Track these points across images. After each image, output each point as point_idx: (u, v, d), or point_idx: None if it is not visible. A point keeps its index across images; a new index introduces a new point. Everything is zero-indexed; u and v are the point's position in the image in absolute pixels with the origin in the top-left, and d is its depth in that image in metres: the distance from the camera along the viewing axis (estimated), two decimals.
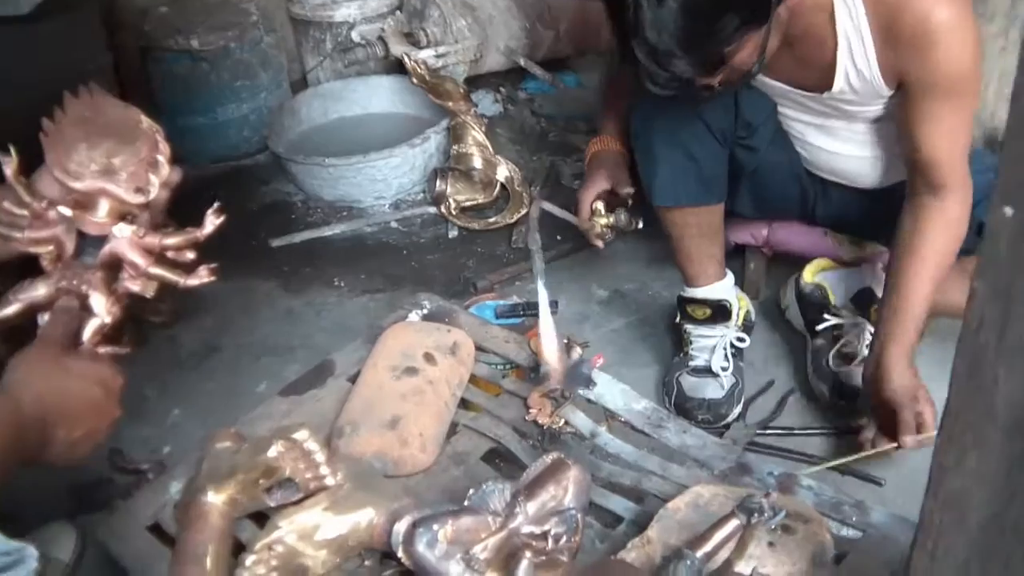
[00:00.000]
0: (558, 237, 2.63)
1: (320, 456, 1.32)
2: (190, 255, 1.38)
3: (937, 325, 2.26)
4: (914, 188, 1.77)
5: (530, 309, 1.93)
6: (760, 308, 2.37)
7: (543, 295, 1.59)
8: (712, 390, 2.03)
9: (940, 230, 1.75)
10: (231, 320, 2.45)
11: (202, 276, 1.37)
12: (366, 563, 1.35)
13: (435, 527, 1.20)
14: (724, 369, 2.06)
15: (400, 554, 1.23)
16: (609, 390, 1.63)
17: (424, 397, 1.52)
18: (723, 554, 1.20)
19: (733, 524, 1.18)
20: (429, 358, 1.58)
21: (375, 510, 1.32)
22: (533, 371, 1.66)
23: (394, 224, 2.79)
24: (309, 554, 1.30)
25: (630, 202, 2.07)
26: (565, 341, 1.69)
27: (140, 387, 2.24)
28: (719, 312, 2.07)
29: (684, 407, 2.01)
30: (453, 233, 2.73)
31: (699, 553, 1.17)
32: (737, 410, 2.03)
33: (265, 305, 2.50)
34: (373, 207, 2.87)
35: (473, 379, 1.67)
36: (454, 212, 2.74)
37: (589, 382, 1.61)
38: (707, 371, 2.06)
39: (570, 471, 1.30)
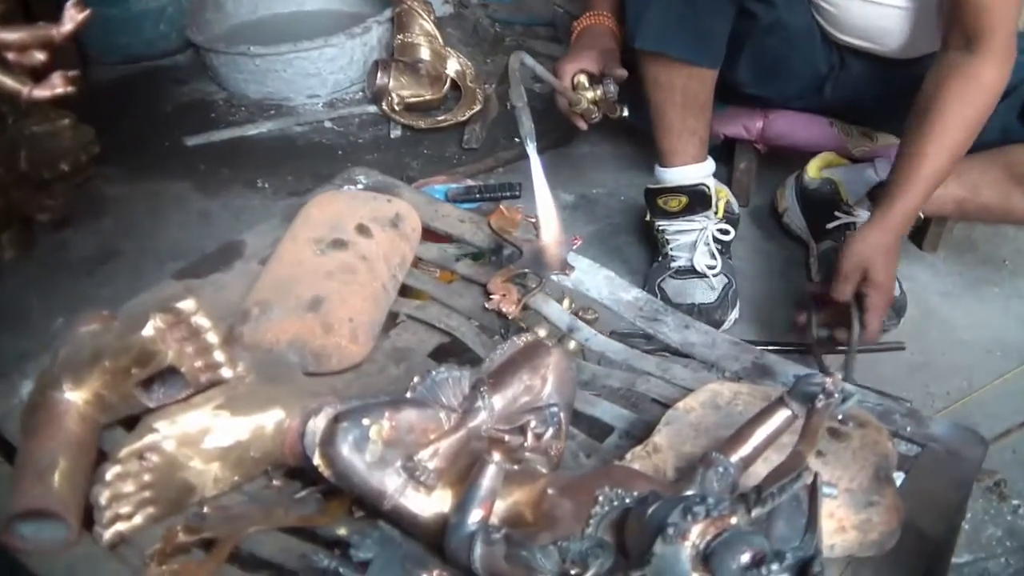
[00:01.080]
0: (515, 139, 2.30)
1: (213, 336, 0.98)
2: (39, 56, 1.01)
3: (954, 236, 1.98)
4: (947, 43, 1.49)
5: (489, 192, 1.60)
6: (750, 216, 2.06)
7: (535, 160, 1.26)
8: (701, 293, 1.72)
9: (969, 94, 1.48)
10: (135, 223, 2.09)
11: (55, 86, 1.01)
12: (274, 483, 1.01)
13: (365, 422, 0.86)
14: (711, 268, 1.74)
15: (316, 461, 0.89)
16: (591, 276, 1.30)
17: (356, 276, 1.17)
18: (761, 468, 0.88)
19: (782, 416, 0.86)
20: (363, 230, 1.23)
21: (286, 411, 0.98)
22: (494, 254, 1.32)
23: (328, 124, 2.44)
24: (195, 467, 0.96)
25: (614, 89, 1.74)
26: (532, 220, 1.35)
27: (22, 295, 1.89)
28: (696, 199, 1.75)
29: None
30: (396, 132, 2.38)
31: (733, 458, 0.85)
32: (733, 315, 1.72)
33: (175, 207, 2.14)
34: (305, 106, 2.51)
35: (418, 264, 1.32)
36: (397, 109, 2.39)
37: (565, 266, 1.27)
38: (692, 272, 1.75)
39: (550, 357, 0.97)
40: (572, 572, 0.74)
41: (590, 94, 1.72)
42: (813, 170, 1.89)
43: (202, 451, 0.96)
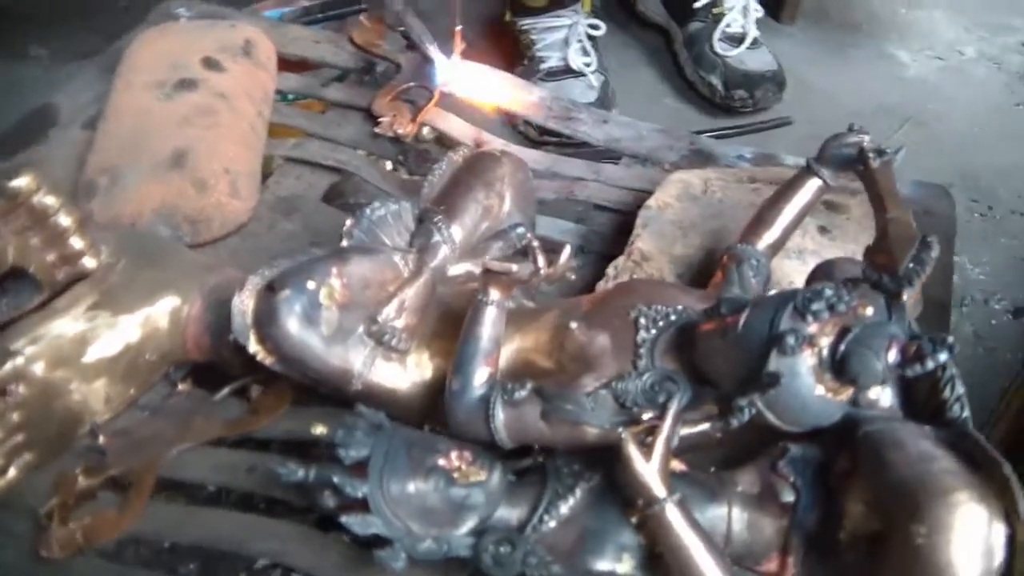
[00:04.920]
0: None
1: (66, 217, 0.74)
2: None
3: (806, 6, 1.89)
4: None
5: (331, 8, 1.35)
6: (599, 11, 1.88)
7: None
8: (580, 92, 1.53)
9: None
10: None
11: None
12: (180, 388, 0.80)
13: (311, 285, 0.65)
14: (587, 64, 1.56)
15: (253, 348, 0.67)
16: (486, 80, 1.10)
17: (218, 118, 0.94)
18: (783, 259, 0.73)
19: (812, 188, 0.71)
20: (212, 64, 0.99)
21: (180, 295, 0.76)
22: (367, 73, 1.11)
23: None
24: (76, 390, 0.74)
25: None
26: (400, 28, 1.14)
27: None
28: None
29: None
30: None
31: (760, 246, 0.70)
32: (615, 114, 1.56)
33: None
34: None
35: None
36: None
37: (448, 70, 1.07)
38: (567, 71, 1.56)
39: (502, 167, 0.78)
40: (644, 417, 0.57)
41: None
42: None
43: (82, 368, 0.74)
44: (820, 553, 0.57)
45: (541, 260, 0.63)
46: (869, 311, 0.53)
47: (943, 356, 0.51)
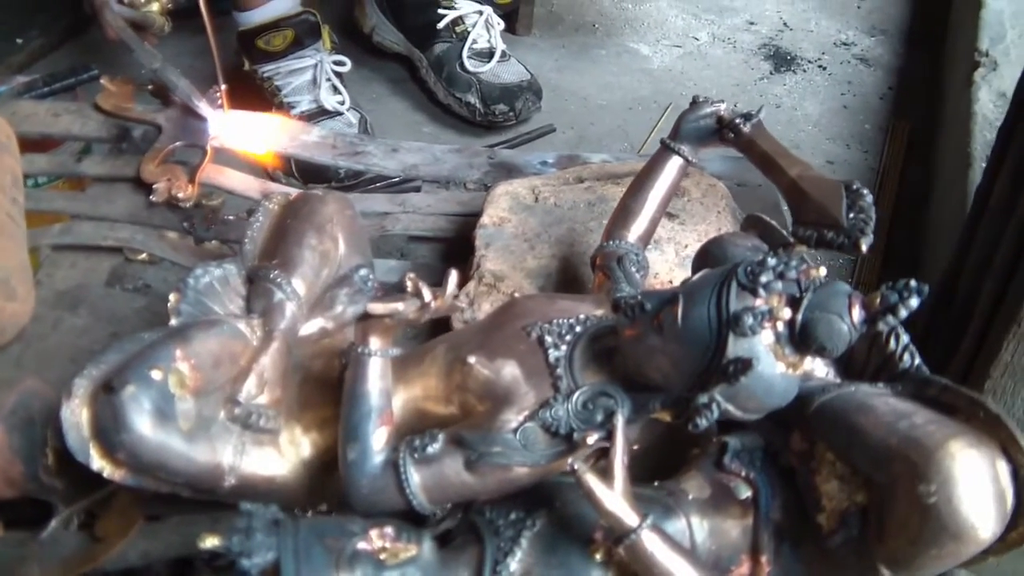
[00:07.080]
0: (18, 40, 1.84)
1: None
2: None
3: (538, 15, 1.89)
4: None
5: (59, 80, 1.21)
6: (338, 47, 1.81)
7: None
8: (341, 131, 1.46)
9: None
10: None
11: None
12: None
13: (156, 375, 0.54)
14: (341, 103, 1.49)
15: (97, 464, 0.56)
16: (256, 127, 1.01)
17: None
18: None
19: (675, 167, 0.68)
20: None
21: None
22: (123, 140, 0.99)
23: None
24: None
25: None
26: (149, 88, 1.03)
27: None
28: (304, 31, 1.48)
29: (311, 169, 1.44)
30: None
31: (631, 239, 0.65)
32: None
33: None
34: None
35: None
36: None
37: (219, 123, 0.98)
38: (321, 112, 1.48)
39: (328, 206, 0.70)
40: (590, 441, 0.51)
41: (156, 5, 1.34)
42: None
43: None
44: (795, 543, 0.53)
45: (427, 293, 0.56)
46: (821, 272, 0.49)
47: (915, 301, 0.48)
